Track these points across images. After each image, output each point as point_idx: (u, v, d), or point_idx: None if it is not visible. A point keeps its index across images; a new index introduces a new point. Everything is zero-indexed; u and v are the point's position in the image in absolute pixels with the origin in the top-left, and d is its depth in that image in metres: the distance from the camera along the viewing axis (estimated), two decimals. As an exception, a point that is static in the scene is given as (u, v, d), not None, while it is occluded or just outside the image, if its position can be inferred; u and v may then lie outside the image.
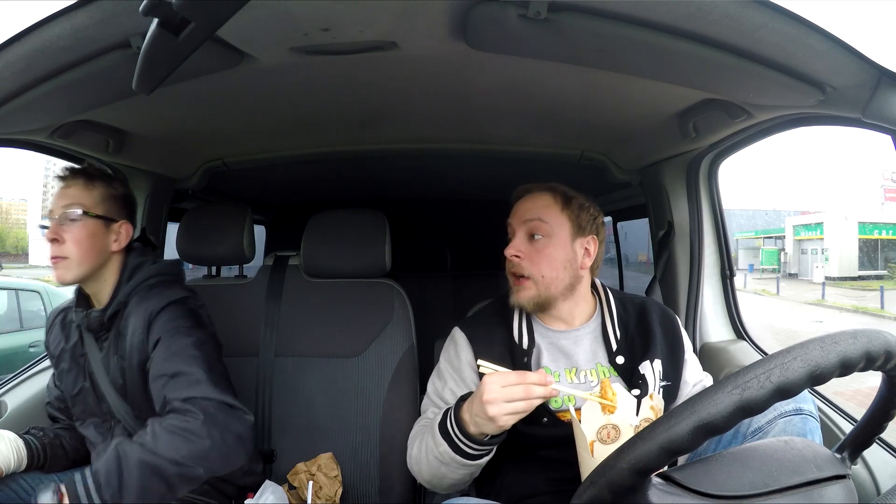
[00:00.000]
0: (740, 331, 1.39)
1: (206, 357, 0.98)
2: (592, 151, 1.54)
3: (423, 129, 1.43)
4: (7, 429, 1.06)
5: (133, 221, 1.11)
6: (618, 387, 0.83)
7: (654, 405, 0.80)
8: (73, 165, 1.10)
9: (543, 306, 1.01)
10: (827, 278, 20.30)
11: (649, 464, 0.52)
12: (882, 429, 0.63)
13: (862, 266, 22.39)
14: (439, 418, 0.91)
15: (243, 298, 1.33)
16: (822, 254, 22.67)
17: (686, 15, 0.69)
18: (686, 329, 1.24)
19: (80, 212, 1.02)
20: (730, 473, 0.56)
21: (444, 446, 0.87)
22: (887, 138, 0.80)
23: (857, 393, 4.85)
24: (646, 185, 1.54)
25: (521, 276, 1.00)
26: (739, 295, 1.42)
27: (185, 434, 0.87)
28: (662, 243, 1.47)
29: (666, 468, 0.57)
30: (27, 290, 4.27)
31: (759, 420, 0.82)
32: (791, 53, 0.73)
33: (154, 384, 0.96)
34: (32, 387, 1.26)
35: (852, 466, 0.63)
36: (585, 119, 1.28)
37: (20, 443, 1.02)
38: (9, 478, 1.01)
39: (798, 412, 0.81)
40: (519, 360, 1.00)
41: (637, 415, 0.79)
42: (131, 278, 1.06)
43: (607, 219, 2.42)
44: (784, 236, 26.25)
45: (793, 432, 0.80)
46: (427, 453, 0.92)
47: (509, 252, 1.01)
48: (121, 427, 1.04)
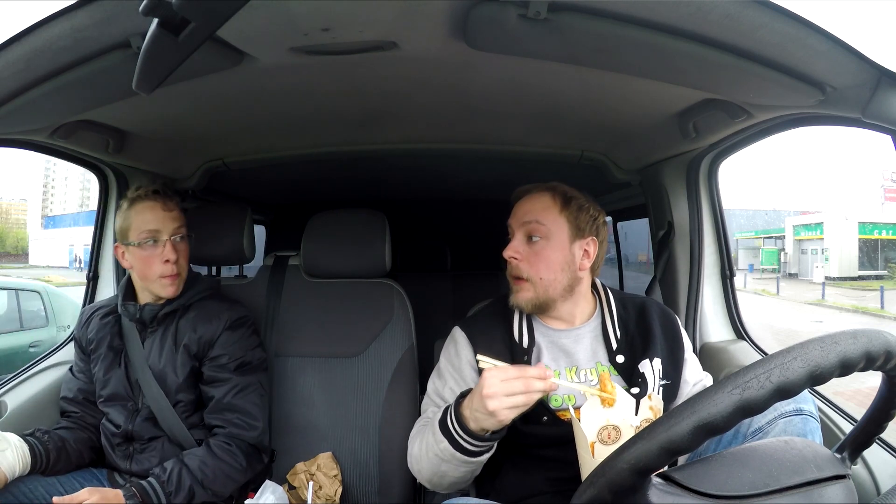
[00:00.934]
0: (740, 331, 1.39)
1: (263, 401, 1.20)
2: (592, 151, 1.54)
3: (422, 129, 1.43)
4: (7, 429, 1.06)
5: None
6: (617, 386, 0.83)
7: (653, 405, 0.80)
8: (156, 187, 1.19)
9: (542, 307, 1.01)
10: (827, 278, 20.30)
11: (649, 464, 0.52)
12: (882, 429, 0.63)
13: (862, 266, 22.39)
14: (440, 415, 0.91)
15: (243, 298, 1.33)
16: (822, 254, 22.67)
17: (686, 15, 0.69)
18: (686, 329, 1.24)
19: (187, 234, 1.21)
20: (730, 473, 0.56)
21: (445, 443, 0.87)
22: (887, 138, 0.80)
23: (857, 393, 4.85)
24: (646, 185, 1.54)
25: (520, 278, 1.01)
26: (739, 295, 1.42)
27: (226, 474, 1.11)
28: (662, 243, 1.47)
29: (666, 468, 0.57)
30: (27, 290, 4.27)
31: (759, 420, 0.81)
32: (791, 53, 0.73)
33: (218, 393, 1.15)
34: (33, 387, 1.25)
35: (852, 466, 0.63)
36: (585, 119, 1.28)
37: (25, 448, 1.03)
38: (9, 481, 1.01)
39: (798, 412, 0.81)
40: (519, 359, 1.00)
41: (636, 415, 0.79)
42: (190, 287, 1.21)
43: (607, 219, 2.42)
44: (784, 236, 26.25)
45: (793, 432, 0.80)
46: (428, 451, 0.92)
47: (507, 254, 1.01)
48: (147, 409, 1.14)
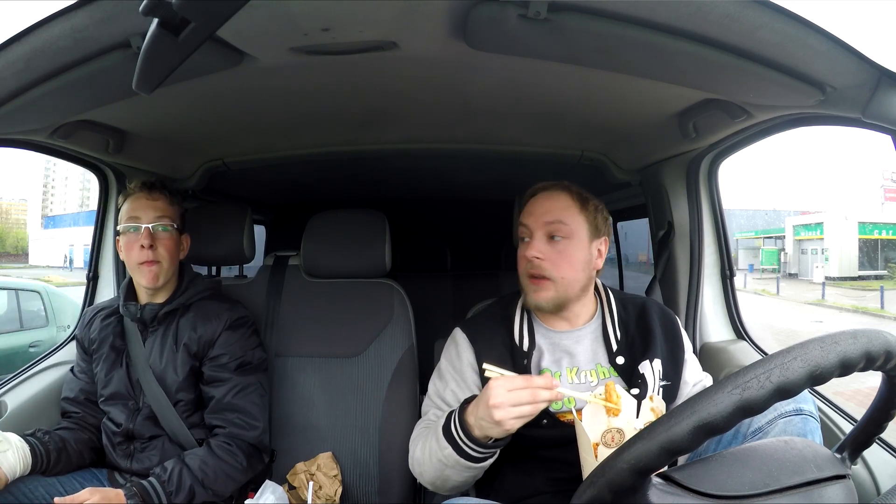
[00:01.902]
0: (740, 331, 1.39)
1: (263, 401, 1.20)
2: (592, 151, 1.54)
3: (422, 129, 1.43)
4: (8, 429, 1.06)
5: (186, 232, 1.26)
6: (620, 389, 0.83)
7: (654, 407, 0.80)
8: (150, 180, 1.20)
9: (560, 307, 1.01)
10: (827, 278, 20.29)
11: (649, 464, 0.52)
12: (882, 429, 0.63)
13: (862, 266, 22.38)
14: (443, 421, 0.91)
15: (243, 298, 1.33)
16: (822, 254, 22.66)
17: (686, 15, 0.69)
18: (686, 329, 1.24)
19: (170, 225, 1.18)
20: (730, 473, 0.56)
21: (449, 450, 0.87)
22: (887, 138, 0.80)
23: (857, 393, 4.85)
24: (646, 185, 1.54)
25: (542, 277, 0.99)
26: (739, 295, 1.42)
27: (226, 474, 1.11)
28: (662, 243, 1.47)
29: (666, 468, 0.57)
30: (27, 290, 4.27)
31: (759, 420, 0.81)
32: (791, 53, 0.73)
33: (218, 393, 1.15)
34: (33, 387, 1.25)
35: (852, 466, 0.63)
36: (585, 119, 1.28)
37: (26, 449, 1.03)
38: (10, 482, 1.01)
39: (798, 412, 0.81)
40: (519, 361, 1.00)
41: (637, 416, 0.79)
42: (189, 287, 1.22)
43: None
44: (784, 236, 26.24)
45: (793, 432, 0.80)
46: (431, 456, 0.92)
47: (531, 254, 0.99)
48: (147, 408, 1.15)
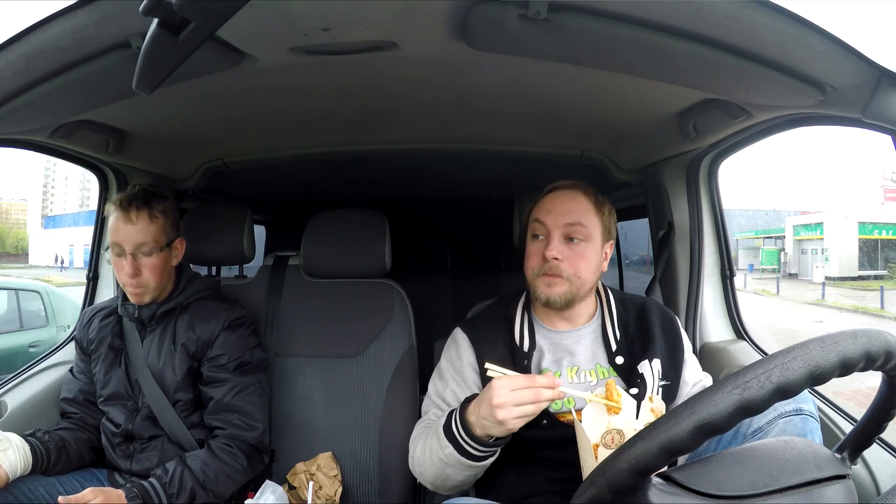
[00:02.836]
0: (740, 331, 1.39)
1: (263, 401, 1.20)
2: (592, 151, 1.54)
3: (423, 129, 1.43)
4: (8, 429, 1.06)
5: (181, 233, 1.23)
6: (621, 389, 0.83)
7: (654, 407, 0.80)
8: (131, 194, 1.15)
9: (569, 304, 1.01)
10: (827, 278, 20.29)
11: (649, 464, 0.52)
12: (882, 429, 0.63)
13: (862, 266, 22.39)
14: (444, 420, 0.91)
15: (243, 298, 1.33)
16: (822, 254, 22.66)
17: (686, 15, 0.69)
18: (686, 329, 1.24)
19: (153, 248, 1.14)
20: (730, 473, 0.56)
21: (450, 448, 0.87)
22: (887, 138, 0.80)
23: (857, 393, 4.85)
24: (646, 185, 1.53)
25: (557, 275, 0.99)
26: (739, 295, 1.42)
27: (227, 475, 1.11)
28: (662, 243, 1.47)
29: (666, 468, 0.57)
30: (27, 290, 4.27)
31: (759, 420, 0.81)
32: (791, 53, 0.73)
33: (217, 394, 1.15)
34: (33, 387, 1.25)
35: (852, 466, 0.63)
36: (585, 119, 1.28)
37: (26, 448, 1.03)
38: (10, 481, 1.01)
39: (798, 412, 0.81)
40: (519, 361, 1.00)
41: (637, 417, 0.79)
42: (187, 287, 1.21)
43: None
44: (784, 236, 26.25)
45: (793, 432, 0.80)
46: (431, 455, 0.92)
47: (551, 254, 0.98)
48: (146, 408, 1.15)
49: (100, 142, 1.22)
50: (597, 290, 1.09)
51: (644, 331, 1.03)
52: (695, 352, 1.14)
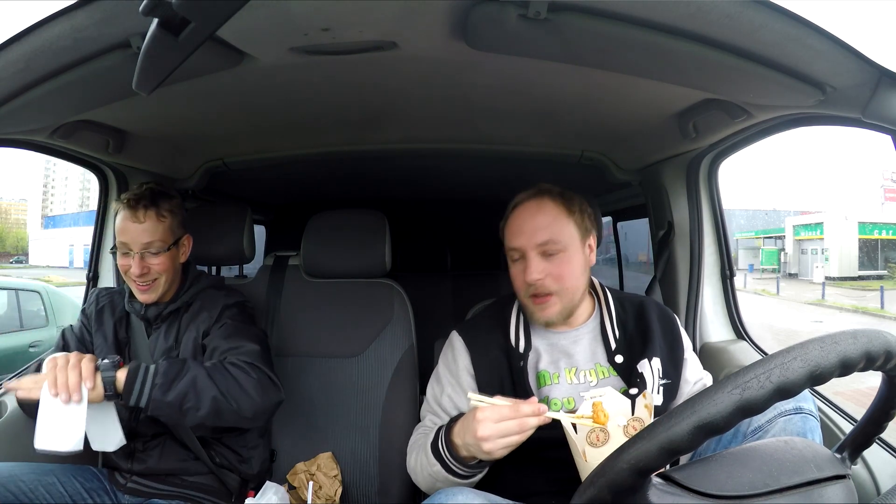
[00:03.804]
0: (740, 331, 1.39)
1: (262, 342, 1.16)
2: (592, 151, 1.53)
3: (422, 129, 1.43)
4: (7, 429, 1.06)
5: (187, 230, 1.23)
6: (611, 395, 0.81)
7: (647, 403, 0.80)
8: (138, 193, 1.14)
9: (569, 315, 1.01)
10: (827, 278, 20.29)
11: (649, 464, 0.52)
12: (882, 429, 0.63)
13: (862, 266, 22.39)
14: (432, 436, 0.92)
15: None
16: (822, 254, 22.66)
17: (686, 15, 0.69)
18: (686, 329, 1.24)
19: (160, 247, 1.14)
20: (730, 473, 0.56)
21: (437, 466, 0.89)
22: (887, 138, 0.80)
23: (857, 393, 4.85)
24: (646, 185, 1.54)
25: (546, 294, 0.98)
26: (739, 295, 1.42)
27: (239, 383, 1.03)
28: (662, 243, 1.47)
29: (667, 468, 0.57)
30: (27, 290, 4.27)
31: (759, 419, 0.81)
32: (791, 53, 0.73)
33: (213, 353, 1.11)
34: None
35: (852, 466, 0.63)
36: (585, 119, 1.28)
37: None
38: (8, 478, 1.01)
39: (798, 411, 0.81)
40: (515, 363, 1.00)
41: (633, 414, 0.79)
42: (192, 285, 1.21)
43: (607, 219, 2.42)
44: (784, 236, 26.25)
45: (793, 431, 0.80)
46: (422, 470, 0.94)
47: (532, 278, 0.96)
48: None
49: (100, 142, 1.22)
50: (594, 289, 1.09)
51: (643, 329, 1.03)
52: (695, 351, 1.14)
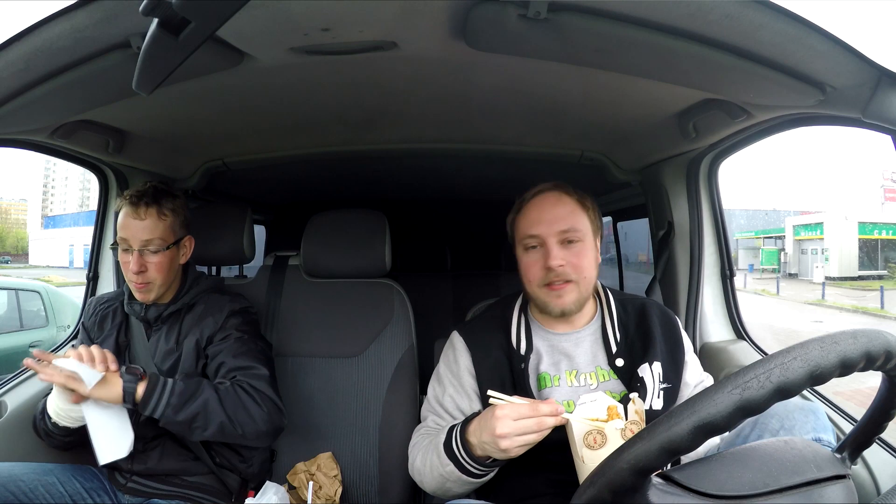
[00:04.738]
0: (740, 331, 1.39)
1: (270, 363, 1.18)
2: (592, 151, 1.53)
3: (422, 129, 1.43)
4: (7, 429, 1.06)
5: (190, 231, 1.23)
6: (602, 399, 0.82)
7: (637, 409, 0.80)
8: (141, 190, 1.14)
9: (581, 305, 1.01)
10: (827, 278, 20.29)
11: (649, 464, 0.52)
12: (882, 429, 0.63)
13: (862, 266, 22.38)
14: (443, 437, 0.91)
15: None
16: (822, 254, 22.66)
17: (686, 15, 0.69)
18: (686, 329, 1.24)
19: (160, 245, 1.13)
20: (730, 473, 0.56)
21: (451, 466, 0.88)
22: (887, 138, 0.80)
23: (857, 393, 4.85)
24: (646, 185, 1.53)
25: (566, 281, 0.98)
26: (739, 295, 1.42)
27: (248, 411, 1.07)
28: (662, 243, 1.47)
29: (668, 467, 0.57)
30: (27, 290, 4.27)
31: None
32: (791, 53, 0.73)
33: (220, 368, 1.13)
34: (32, 387, 1.25)
35: (852, 466, 0.63)
36: (585, 119, 1.28)
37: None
38: (8, 478, 1.01)
39: (817, 442, 0.80)
40: (517, 365, 1.00)
41: (626, 418, 0.79)
42: (193, 286, 1.21)
43: (607, 219, 2.43)
44: (784, 236, 26.25)
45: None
46: (432, 470, 0.93)
47: (554, 263, 0.96)
48: None
49: (100, 142, 1.22)
50: (596, 290, 1.09)
51: (644, 333, 1.02)
52: (695, 352, 1.14)
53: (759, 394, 0.50)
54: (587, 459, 0.74)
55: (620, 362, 0.99)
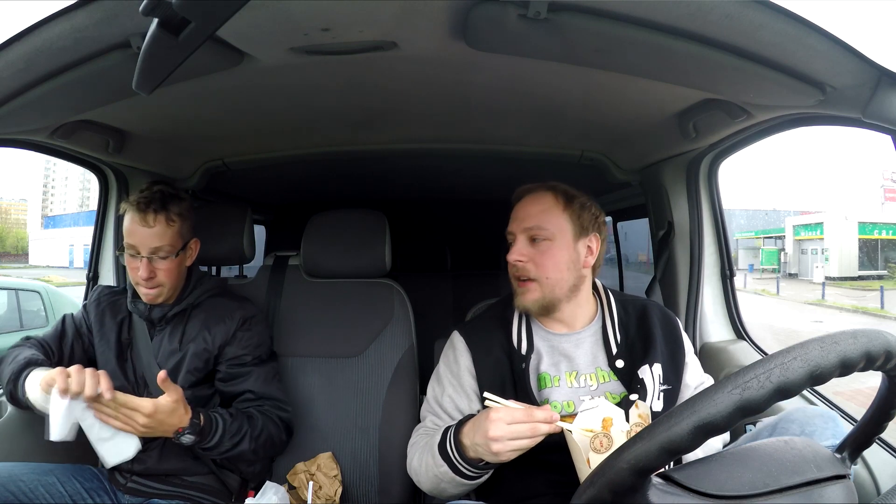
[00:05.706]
0: (740, 331, 1.39)
1: (283, 385, 1.25)
2: (592, 151, 1.54)
3: (423, 129, 1.43)
4: (7, 429, 1.06)
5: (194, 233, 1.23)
6: (605, 406, 0.81)
7: (641, 413, 0.80)
8: (148, 196, 1.13)
9: (548, 308, 1.01)
10: (827, 278, 20.29)
11: (649, 464, 0.52)
12: (882, 429, 0.63)
13: (862, 266, 22.39)
14: (438, 437, 0.92)
15: None
16: (822, 254, 22.66)
17: (686, 15, 0.69)
18: (686, 329, 1.24)
19: (169, 252, 1.13)
20: (730, 473, 0.56)
21: (445, 467, 0.89)
22: (887, 138, 0.80)
23: (857, 393, 4.85)
24: (646, 185, 1.53)
25: (527, 279, 0.99)
26: (739, 295, 1.42)
27: (273, 442, 1.16)
28: (662, 243, 1.47)
29: (669, 467, 0.57)
30: (27, 290, 4.27)
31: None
32: (791, 53, 0.73)
33: (244, 392, 1.17)
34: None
35: (852, 466, 0.63)
36: (585, 119, 1.28)
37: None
38: (8, 478, 1.01)
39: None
40: (517, 365, 0.99)
41: (628, 420, 0.79)
42: (197, 287, 1.21)
43: (607, 219, 2.43)
44: (784, 236, 26.25)
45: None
46: (427, 471, 0.93)
47: (512, 258, 0.99)
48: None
49: (100, 142, 1.22)
50: (596, 291, 1.09)
51: (645, 334, 1.02)
52: (695, 352, 1.14)
53: (759, 394, 0.50)
54: (593, 463, 0.74)
55: (621, 363, 0.99)
